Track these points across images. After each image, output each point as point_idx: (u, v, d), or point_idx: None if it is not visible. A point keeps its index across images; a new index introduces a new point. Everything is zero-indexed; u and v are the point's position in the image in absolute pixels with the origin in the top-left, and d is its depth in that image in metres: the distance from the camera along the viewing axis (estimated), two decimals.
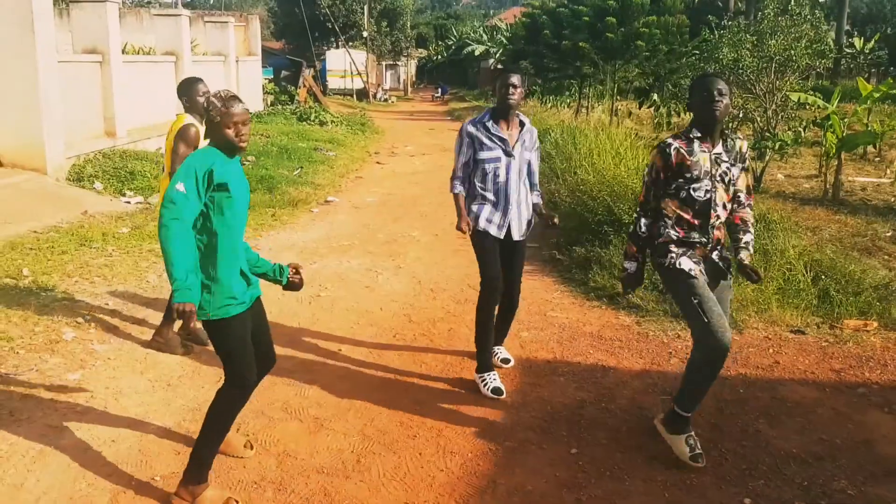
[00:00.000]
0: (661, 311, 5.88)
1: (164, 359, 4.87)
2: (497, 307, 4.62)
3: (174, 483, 3.32)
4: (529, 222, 4.67)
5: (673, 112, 26.21)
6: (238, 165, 3.27)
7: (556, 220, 4.64)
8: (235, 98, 3.17)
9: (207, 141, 3.22)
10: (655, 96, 26.65)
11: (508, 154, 4.48)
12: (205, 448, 3.23)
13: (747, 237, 3.75)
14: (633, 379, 4.75)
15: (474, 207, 4.56)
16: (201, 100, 4.76)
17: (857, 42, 49.38)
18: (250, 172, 11.51)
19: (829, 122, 12.56)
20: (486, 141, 4.47)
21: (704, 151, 3.63)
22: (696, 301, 3.54)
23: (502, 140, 4.47)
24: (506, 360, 4.94)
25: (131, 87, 12.38)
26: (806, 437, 3.99)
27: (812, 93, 13.24)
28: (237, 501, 3.26)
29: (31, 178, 9.47)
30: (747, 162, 3.78)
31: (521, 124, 4.58)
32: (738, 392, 4.56)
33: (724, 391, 4.52)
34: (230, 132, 3.12)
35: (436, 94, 46.65)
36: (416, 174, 13.96)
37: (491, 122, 4.50)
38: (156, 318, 5.52)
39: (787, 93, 14.13)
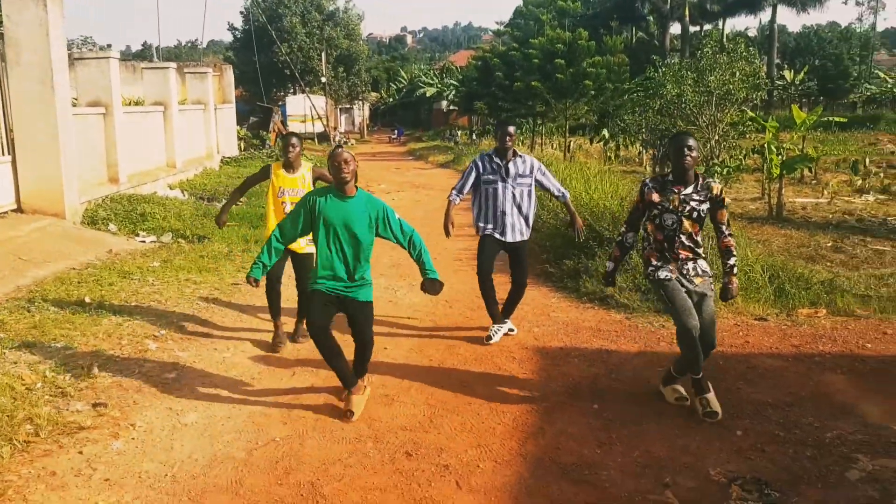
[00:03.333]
0: (646, 308, 6.95)
1: (240, 360, 5.74)
2: (493, 289, 6.30)
3: (292, 442, 4.23)
4: (521, 231, 6.20)
5: (621, 146, 27.83)
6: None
7: (578, 226, 6.31)
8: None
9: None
10: (605, 132, 28.20)
11: (503, 179, 6.12)
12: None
13: (732, 260, 4.80)
14: (633, 358, 5.78)
15: (480, 222, 6.26)
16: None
17: (788, 74, 52.40)
18: (249, 212, 12.37)
19: (771, 149, 13.92)
20: (488, 167, 6.18)
21: (675, 192, 4.69)
22: (669, 297, 4.64)
23: (499, 167, 6.14)
24: (511, 330, 6.44)
25: (129, 135, 13.19)
26: (777, 392, 5.05)
27: (766, 122, 14.58)
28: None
29: (53, 222, 10.20)
30: (725, 201, 4.85)
31: (516, 156, 6.20)
32: (719, 363, 5.61)
33: (707, 363, 5.56)
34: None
35: (392, 136, 47.90)
36: (398, 209, 14.84)
37: (494, 155, 6.21)
38: (216, 330, 6.38)
39: (747, 122, 15.26)
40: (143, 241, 10.48)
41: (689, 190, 4.67)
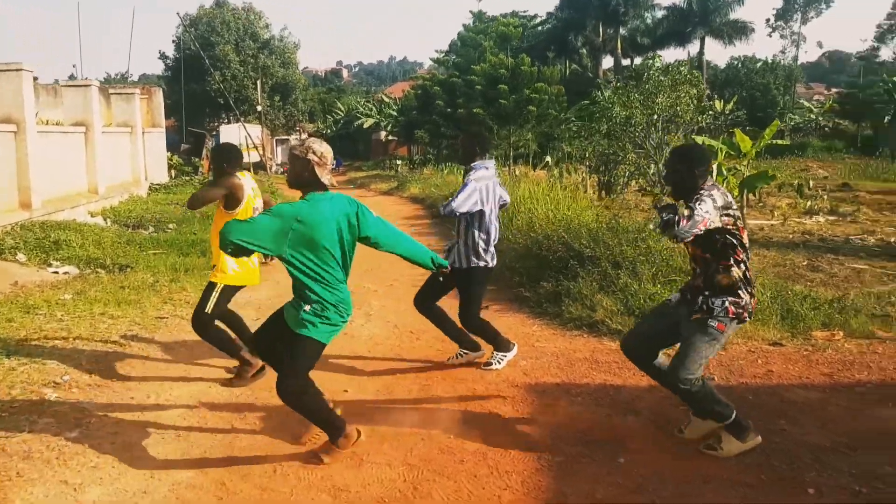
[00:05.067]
0: None
1: (162, 412, 4.57)
2: None
3: None
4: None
5: (565, 173, 27.42)
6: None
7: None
8: None
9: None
10: (548, 158, 27.80)
11: None
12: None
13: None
14: (644, 394, 4.83)
15: (489, 249, 5.40)
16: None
17: (718, 104, 53.37)
18: (179, 238, 11.13)
19: (734, 168, 13.42)
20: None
21: None
22: None
23: None
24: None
25: (45, 158, 11.81)
26: (830, 433, 4.15)
27: (719, 144, 14.09)
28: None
29: None
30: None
31: None
32: (748, 398, 4.71)
33: (734, 398, 4.64)
34: None
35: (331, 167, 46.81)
36: None
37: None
38: (134, 374, 5.21)
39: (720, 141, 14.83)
40: (56, 272, 9.14)
41: None
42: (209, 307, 4.97)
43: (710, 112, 40.98)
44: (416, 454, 3.93)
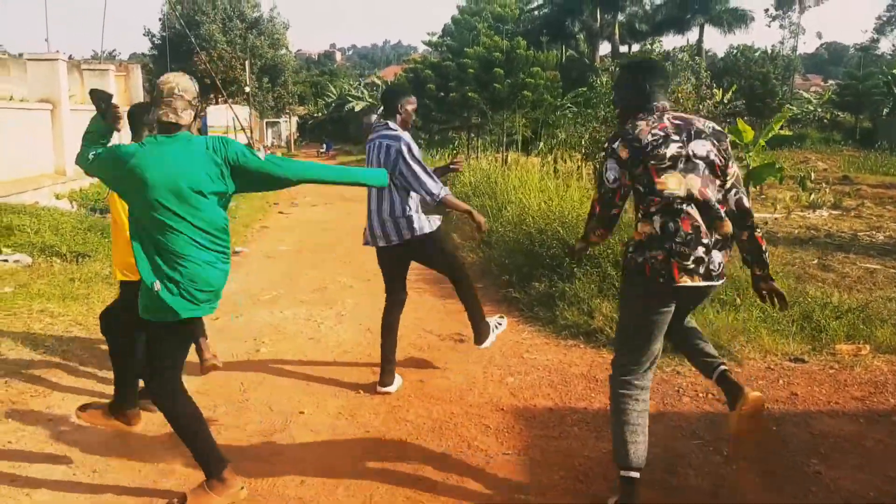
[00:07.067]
0: None
1: (80, 438, 3.86)
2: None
3: None
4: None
5: (559, 160, 26.73)
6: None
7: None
8: None
9: None
10: (542, 144, 27.11)
11: None
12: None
13: None
14: (652, 423, 4.12)
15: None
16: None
17: (717, 93, 52.72)
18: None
19: (737, 159, 12.73)
20: None
21: None
22: None
23: None
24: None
25: (3, 136, 11.01)
26: (871, 476, 3.47)
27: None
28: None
29: None
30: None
31: None
32: (772, 430, 4.03)
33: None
34: None
35: (321, 150, 45.94)
36: (325, 222, 13.15)
37: None
38: (63, 384, 4.49)
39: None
40: (6, 260, 8.38)
41: None
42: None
43: (710, 100, 40.40)
44: (378, 501, 3.22)
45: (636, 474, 3.02)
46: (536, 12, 47.29)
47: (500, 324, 4.98)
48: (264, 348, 5.52)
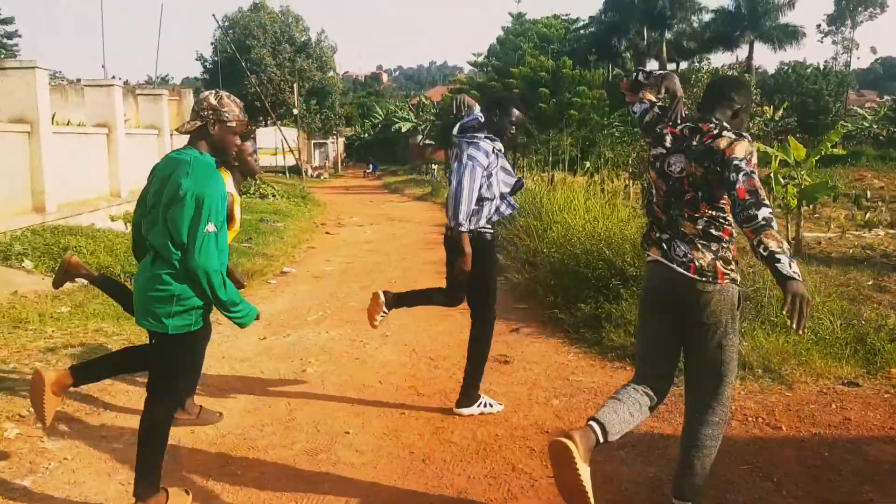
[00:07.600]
0: None
1: (133, 457, 3.94)
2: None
3: None
4: None
5: (607, 179, 26.55)
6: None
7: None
8: None
9: None
10: (588, 164, 26.93)
11: None
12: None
13: None
14: None
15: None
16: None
17: (768, 110, 51.85)
18: None
19: (789, 178, 12.48)
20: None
21: None
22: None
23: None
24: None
25: (62, 160, 11.38)
26: None
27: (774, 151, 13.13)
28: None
29: None
30: None
31: None
32: (824, 455, 3.93)
33: (807, 455, 3.90)
34: None
35: (367, 171, 46.39)
36: (371, 242, 13.25)
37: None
38: (116, 407, 4.60)
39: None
40: None
41: None
42: None
43: (761, 118, 39.93)
44: None
45: (596, 426, 2.89)
46: (583, 31, 47.22)
47: (491, 405, 4.64)
48: (311, 368, 5.59)
